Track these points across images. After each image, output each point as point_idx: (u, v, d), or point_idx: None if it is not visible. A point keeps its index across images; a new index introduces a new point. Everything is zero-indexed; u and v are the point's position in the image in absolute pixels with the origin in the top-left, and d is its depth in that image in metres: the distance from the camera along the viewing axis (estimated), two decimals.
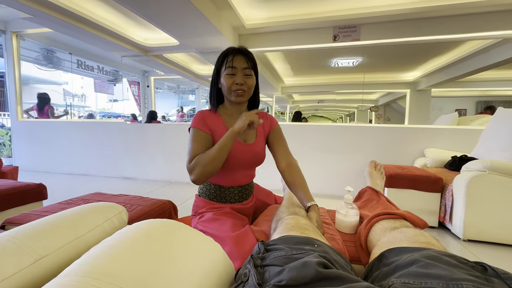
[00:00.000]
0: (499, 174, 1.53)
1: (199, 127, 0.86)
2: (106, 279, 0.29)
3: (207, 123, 0.88)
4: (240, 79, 0.85)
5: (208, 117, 0.89)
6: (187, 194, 2.54)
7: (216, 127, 0.89)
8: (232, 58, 0.85)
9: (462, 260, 0.40)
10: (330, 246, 0.52)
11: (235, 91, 0.86)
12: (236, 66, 0.84)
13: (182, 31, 2.32)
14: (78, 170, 3.47)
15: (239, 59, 0.85)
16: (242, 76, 0.85)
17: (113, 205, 0.56)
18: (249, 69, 0.86)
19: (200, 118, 0.88)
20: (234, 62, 0.85)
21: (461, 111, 4.84)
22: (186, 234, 0.46)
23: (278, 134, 0.97)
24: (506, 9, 2.08)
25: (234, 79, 0.85)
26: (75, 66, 5.22)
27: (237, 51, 0.86)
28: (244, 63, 0.85)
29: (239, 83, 0.85)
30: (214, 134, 0.88)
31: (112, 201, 1.11)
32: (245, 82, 0.85)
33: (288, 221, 0.61)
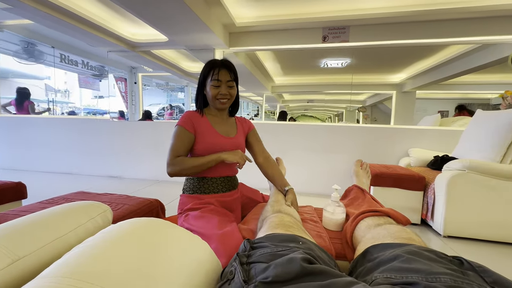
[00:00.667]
0: (477, 173, 1.61)
1: (185, 126, 0.97)
2: (88, 280, 0.28)
3: (193, 123, 0.98)
4: (224, 90, 0.98)
5: (195, 117, 1.00)
6: (176, 193, 2.50)
7: (202, 127, 1.00)
8: (218, 71, 0.96)
9: (440, 254, 0.42)
10: (315, 242, 0.53)
11: (219, 99, 0.99)
12: (221, 79, 0.96)
13: (171, 27, 2.28)
14: (60, 168, 3.35)
15: (224, 73, 0.97)
16: (226, 87, 0.98)
17: (97, 204, 0.54)
18: (232, 81, 0.99)
19: (188, 118, 0.98)
20: (219, 75, 0.96)
21: (444, 113, 5.03)
22: (173, 233, 0.46)
23: (256, 135, 1.15)
24: (485, 16, 2.18)
25: (219, 90, 0.97)
26: (58, 60, 5.01)
27: (221, 65, 0.98)
28: (228, 76, 0.98)
29: (223, 94, 0.98)
30: (199, 132, 0.98)
31: (97, 199, 1.08)
32: (228, 92, 0.99)
33: (273, 220, 0.62)
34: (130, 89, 5.53)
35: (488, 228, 1.62)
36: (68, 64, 5.22)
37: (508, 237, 1.60)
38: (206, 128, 1.00)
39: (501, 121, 1.78)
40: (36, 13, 2.26)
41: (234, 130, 1.08)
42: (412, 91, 4.58)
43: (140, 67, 5.14)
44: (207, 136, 0.98)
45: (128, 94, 5.62)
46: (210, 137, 0.99)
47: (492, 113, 1.93)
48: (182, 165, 0.91)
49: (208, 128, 1.00)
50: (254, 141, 1.12)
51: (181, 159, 0.92)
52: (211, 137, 1.00)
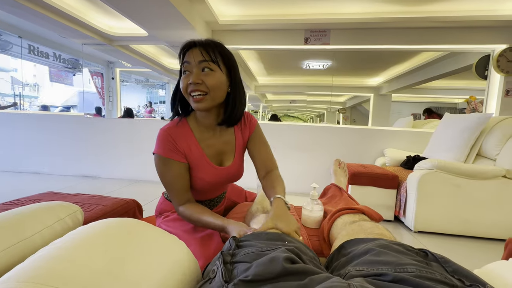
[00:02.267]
0: (445, 172, 1.72)
1: (171, 156, 0.69)
2: (50, 283, 0.27)
3: (179, 146, 0.71)
4: (194, 76, 0.65)
5: (177, 136, 0.71)
6: (155, 192, 2.43)
7: (187, 149, 0.72)
8: (186, 51, 0.68)
9: (408, 247, 0.45)
10: (301, 241, 0.54)
11: (192, 92, 0.67)
12: (189, 60, 0.66)
13: (151, 22, 2.21)
14: (28, 167, 3.12)
15: (195, 51, 0.66)
16: (199, 72, 0.66)
17: (67, 204, 0.51)
18: (207, 61, 0.65)
19: (169, 142, 0.70)
20: (187, 56, 0.67)
21: (416, 115, 5.34)
22: (147, 233, 0.44)
23: (257, 137, 0.83)
24: (454, 26, 2.34)
25: (189, 78, 0.66)
26: (26, 51, 4.65)
27: (193, 45, 0.68)
28: (199, 55, 0.65)
29: (192, 82, 0.65)
30: (187, 155, 0.72)
31: (68, 200, 1.02)
32: (202, 80, 0.65)
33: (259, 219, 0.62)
34: (107, 85, 5.28)
35: (454, 223, 1.75)
36: (37, 56, 4.87)
37: (471, 231, 1.74)
38: (193, 151, 0.73)
39: (466, 124, 1.93)
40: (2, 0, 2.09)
41: (232, 148, 0.79)
42: (388, 94, 4.82)
43: (118, 62, 4.92)
44: (196, 169, 0.73)
45: (104, 90, 5.36)
46: (199, 170, 0.73)
47: (458, 116, 2.08)
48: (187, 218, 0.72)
49: (196, 153, 0.73)
50: (254, 147, 0.82)
51: (187, 213, 0.71)
52: (200, 170, 0.74)
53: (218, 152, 0.78)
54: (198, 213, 0.70)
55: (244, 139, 0.83)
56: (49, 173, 3.10)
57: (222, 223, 0.66)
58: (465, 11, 2.19)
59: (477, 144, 1.91)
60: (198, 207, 0.72)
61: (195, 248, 0.70)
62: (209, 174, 0.75)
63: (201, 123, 0.75)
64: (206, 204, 0.87)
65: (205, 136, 0.75)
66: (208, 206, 0.88)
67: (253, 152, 0.83)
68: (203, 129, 0.75)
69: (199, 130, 0.75)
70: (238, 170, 0.82)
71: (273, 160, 0.83)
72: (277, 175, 0.79)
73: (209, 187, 0.79)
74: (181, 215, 0.73)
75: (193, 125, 0.75)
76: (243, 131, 0.82)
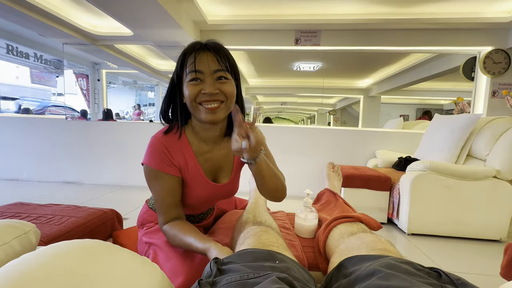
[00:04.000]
0: (437, 174, 1.71)
1: (164, 169, 0.62)
2: None
3: (174, 159, 0.64)
4: (210, 86, 0.59)
5: (173, 148, 0.64)
6: (141, 199, 2.31)
7: (183, 162, 0.65)
8: (195, 57, 0.59)
9: (418, 267, 0.39)
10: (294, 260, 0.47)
11: (203, 104, 0.60)
12: (202, 69, 0.59)
13: (136, 20, 2.11)
14: (4, 174, 2.93)
15: (207, 58, 0.59)
16: (213, 82, 0.60)
17: (16, 224, 0.43)
18: (223, 71, 0.60)
19: (163, 154, 0.63)
20: (198, 63, 0.59)
21: (405, 117, 5.42)
22: (114, 258, 0.37)
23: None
24: (441, 28, 2.36)
25: (201, 87, 0.59)
26: (4, 51, 4.42)
27: (202, 47, 0.61)
28: (215, 63, 0.59)
29: (209, 93, 0.59)
30: (182, 170, 0.65)
31: (37, 212, 0.92)
32: (219, 89, 0.60)
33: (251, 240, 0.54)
34: (92, 87, 5.09)
35: (446, 225, 1.73)
36: (16, 56, 4.63)
37: (463, 233, 1.73)
38: (191, 168, 0.66)
39: (455, 125, 1.93)
40: None
41: (230, 162, 0.72)
42: (377, 95, 4.87)
43: (103, 63, 4.75)
44: (190, 184, 0.67)
45: (90, 92, 5.17)
46: (193, 186, 0.67)
47: (448, 117, 2.09)
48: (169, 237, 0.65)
49: (192, 167, 0.66)
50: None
51: (173, 234, 0.63)
52: (194, 186, 0.67)
53: (215, 168, 0.71)
54: (182, 234, 0.62)
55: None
56: (27, 180, 2.92)
57: (203, 246, 0.58)
58: (452, 14, 2.22)
59: (467, 144, 1.91)
60: (183, 227, 0.63)
61: (176, 263, 0.63)
62: (203, 190, 0.69)
63: (201, 135, 0.68)
64: (195, 217, 0.81)
65: (204, 150, 0.68)
66: (197, 219, 0.82)
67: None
68: (202, 142, 0.68)
69: (197, 143, 0.68)
70: (234, 187, 0.76)
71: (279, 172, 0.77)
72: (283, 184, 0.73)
73: (201, 203, 0.73)
74: (165, 234, 0.66)
75: (191, 137, 0.68)
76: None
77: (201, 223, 0.83)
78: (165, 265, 0.64)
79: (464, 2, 2.08)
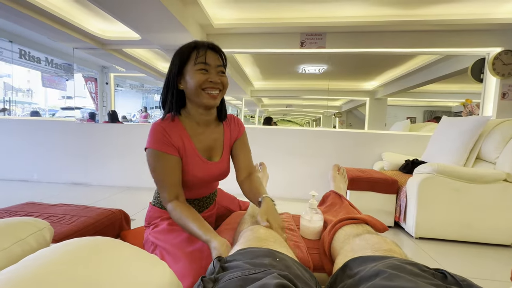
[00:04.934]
0: (445, 176, 1.68)
1: (165, 149, 0.71)
2: None
3: (173, 140, 0.73)
4: (215, 77, 0.73)
5: (171, 130, 0.74)
6: (147, 200, 2.34)
7: (180, 143, 0.75)
8: (205, 53, 0.73)
9: (423, 268, 0.39)
10: (294, 258, 0.48)
11: (208, 89, 0.73)
12: (210, 62, 0.73)
13: (144, 25, 2.16)
14: (16, 175, 3.01)
15: (212, 56, 0.74)
16: (217, 74, 0.74)
17: (31, 221, 0.45)
18: (223, 67, 0.76)
19: (162, 136, 0.72)
20: (207, 58, 0.72)
21: (412, 119, 5.35)
22: (123, 254, 0.38)
23: (243, 142, 0.89)
24: (449, 30, 2.34)
25: (208, 76, 0.72)
26: (17, 56, 4.56)
27: (209, 47, 0.75)
28: (218, 60, 0.75)
29: (214, 82, 0.73)
30: (180, 150, 0.75)
31: (48, 212, 0.94)
32: (220, 81, 0.74)
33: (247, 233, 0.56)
34: (100, 90, 5.20)
35: (455, 229, 1.70)
36: (29, 60, 4.77)
37: (472, 237, 1.69)
38: (186, 146, 0.76)
39: (464, 127, 1.90)
40: None
41: (220, 144, 0.84)
42: (383, 98, 4.82)
43: (112, 67, 4.85)
44: (187, 163, 0.76)
45: (98, 95, 5.28)
46: (190, 164, 0.76)
47: (456, 119, 2.06)
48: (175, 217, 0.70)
49: (188, 147, 0.76)
50: (239, 151, 0.87)
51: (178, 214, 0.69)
52: (191, 164, 0.76)
53: (208, 147, 0.82)
54: (186, 216, 0.69)
55: (232, 138, 0.88)
56: (38, 181, 2.99)
57: (205, 236, 0.64)
58: (460, 15, 2.19)
59: (476, 147, 1.88)
60: (188, 210, 0.71)
61: (184, 264, 0.64)
62: (199, 168, 0.78)
63: (196, 119, 0.79)
64: (196, 204, 0.85)
65: (197, 132, 0.79)
66: (198, 206, 0.86)
67: (237, 154, 0.88)
68: (195, 125, 0.80)
69: (190, 126, 0.79)
70: (226, 167, 0.86)
71: (253, 166, 0.91)
72: (258, 178, 0.86)
73: (198, 182, 0.80)
74: (170, 214, 0.72)
75: (185, 121, 0.79)
76: (232, 130, 0.88)
77: (203, 213, 0.86)
78: (172, 268, 0.64)
79: (471, 3, 2.05)
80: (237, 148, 0.88)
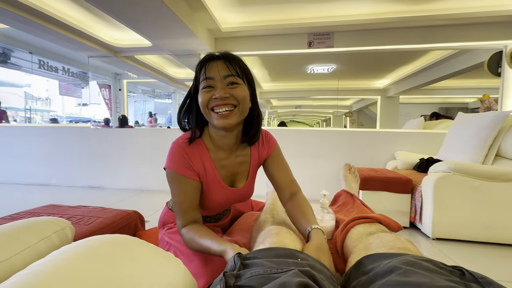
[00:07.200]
0: (462, 175, 1.62)
1: (184, 173, 0.65)
2: None
3: (194, 165, 0.66)
4: (220, 91, 0.61)
5: (192, 154, 0.67)
6: (161, 202, 2.39)
7: (202, 168, 0.68)
8: (206, 66, 0.63)
9: (440, 264, 0.38)
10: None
11: (215, 108, 0.62)
12: (212, 76, 0.62)
13: (154, 32, 2.22)
14: (37, 179, 3.15)
15: (217, 66, 0.62)
16: (224, 87, 0.62)
17: (55, 220, 0.47)
18: (233, 76, 0.62)
19: (183, 159, 0.65)
20: (209, 71, 0.62)
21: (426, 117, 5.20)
22: (140, 252, 0.40)
23: (279, 159, 0.78)
24: (463, 23, 2.27)
25: (213, 93, 0.62)
26: (37, 66, 4.80)
27: (213, 58, 0.64)
28: (225, 69, 0.62)
29: (220, 97, 0.60)
30: (201, 175, 0.68)
31: (68, 213, 0.99)
32: (230, 93, 0.61)
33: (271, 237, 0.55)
34: (114, 96, 5.38)
35: (474, 229, 1.63)
36: (47, 70, 5.01)
37: (494, 238, 1.62)
38: (209, 173, 0.69)
39: (482, 123, 1.83)
40: (11, 17, 2.15)
41: (246, 169, 0.75)
42: (395, 96, 4.71)
43: (124, 74, 5.02)
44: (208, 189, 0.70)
45: (112, 101, 5.46)
46: (211, 191, 0.70)
47: (473, 115, 1.99)
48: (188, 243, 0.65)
49: (210, 173, 0.69)
50: (275, 169, 0.76)
51: (189, 239, 0.64)
52: (212, 191, 0.70)
53: (232, 173, 0.74)
54: (198, 237, 0.63)
55: (261, 159, 0.78)
56: (57, 185, 3.11)
57: (220, 248, 0.57)
58: (473, 8, 2.12)
59: (495, 144, 1.80)
60: (199, 230, 0.64)
61: (197, 265, 0.65)
62: (220, 195, 0.71)
63: (217, 142, 0.70)
64: (212, 218, 0.83)
65: (220, 157, 0.71)
66: (214, 219, 0.84)
67: (273, 173, 0.77)
68: (219, 149, 0.71)
69: (214, 150, 0.70)
70: (249, 191, 0.79)
71: (296, 183, 0.78)
72: (305, 199, 0.73)
73: (218, 206, 0.76)
74: (182, 238, 0.67)
75: (208, 144, 0.70)
76: (260, 151, 0.77)
77: (218, 223, 0.85)
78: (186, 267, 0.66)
79: None
80: (270, 166, 0.77)
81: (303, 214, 0.67)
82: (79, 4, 2.27)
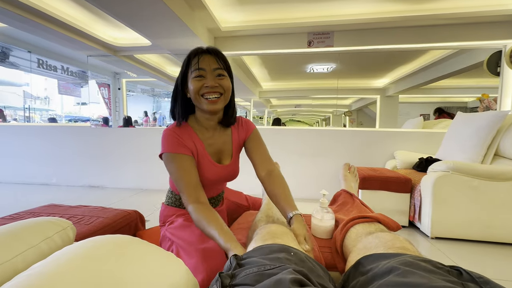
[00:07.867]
0: (461, 174, 1.63)
1: (179, 151, 0.73)
2: None
3: (185, 142, 0.75)
4: (211, 81, 0.72)
5: (182, 134, 0.76)
6: (160, 201, 2.40)
7: (192, 145, 0.77)
8: (198, 58, 0.73)
9: (437, 265, 0.39)
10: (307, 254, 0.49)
11: (206, 94, 0.73)
12: (204, 67, 0.72)
13: (154, 31, 2.22)
14: (37, 179, 3.14)
15: (208, 59, 0.73)
16: (213, 77, 0.73)
17: (56, 220, 0.48)
18: (221, 69, 0.74)
19: (175, 139, 0.74)
20: (201, 63, 0.72)
21: (425, 116, 5.20)
22: (142, 251, 0.40)
23: (256, 139, 0.87)
24: (462, 23, 2.27)
25: (204, 81, 0.73)
26: (35, 65, 4.78)
27: (204, 51, 0.75)
28: (215, 63, 0.73)
29: (211, 86, 0.72)
30: (193, 153, 0.77)
31: (68, 213, 0.99)
32: (218, 83, 0.73)
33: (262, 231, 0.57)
34: (113, 95, 5.36)
35: (473, 228, 1.64)
36: (46, 69, 4.99)
37: (492, 237, 1.63)
38: (199, 150, 0.78)
39: (481, 122, 1.84)
40: (10, 16, 2.14)
41: (229, 147, 0.85)
42: (395, 95, 4.72)
43: (123, 73, 5.00)
44: (199, 166, 0.78)
45: (111, 100, 5.45)
46: (201, 168, 0.78)
47: (472, 115, 1.99)
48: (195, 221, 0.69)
49: (200, 149, 0.78)
50: (253, 149, 0.86)
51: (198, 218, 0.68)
52: (202, 167, 0.78)
53: (218, 151, 0.83)
54: (205, 220, 0.67)
55: (240, 140, 0.88)
56: (57, 184, 3.11)
57: (226, 244, 0.60)
58: (473, 7, 2.12)
59: (494, 143, 1.81)
60: (208, 215, 0.68)
61: (197, 261, 0.66)
62: (210, 171, 0.80)
63: (203, 124, 0.81)
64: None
65: (206, 136, 0.81)
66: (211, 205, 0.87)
67: (250, 151, 0.87)
68: (204, 130, 0.82)
69: (200, 130, 0.81)
70: (235, 169, 0.88)
71: (272, 161, 0.87)
72: (282, 177, 0.83)
73: (209, 184, 0.82)
74: (191, 216, 0.71)
75: (195, 126, 0.81)
76: (240, 131, 0.88)
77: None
78: (186, 263, 0.67)
79: None
80: (249, 146, 0.87)
81: (283, 194, 0.77)
82: (79, 3, 2.26)
